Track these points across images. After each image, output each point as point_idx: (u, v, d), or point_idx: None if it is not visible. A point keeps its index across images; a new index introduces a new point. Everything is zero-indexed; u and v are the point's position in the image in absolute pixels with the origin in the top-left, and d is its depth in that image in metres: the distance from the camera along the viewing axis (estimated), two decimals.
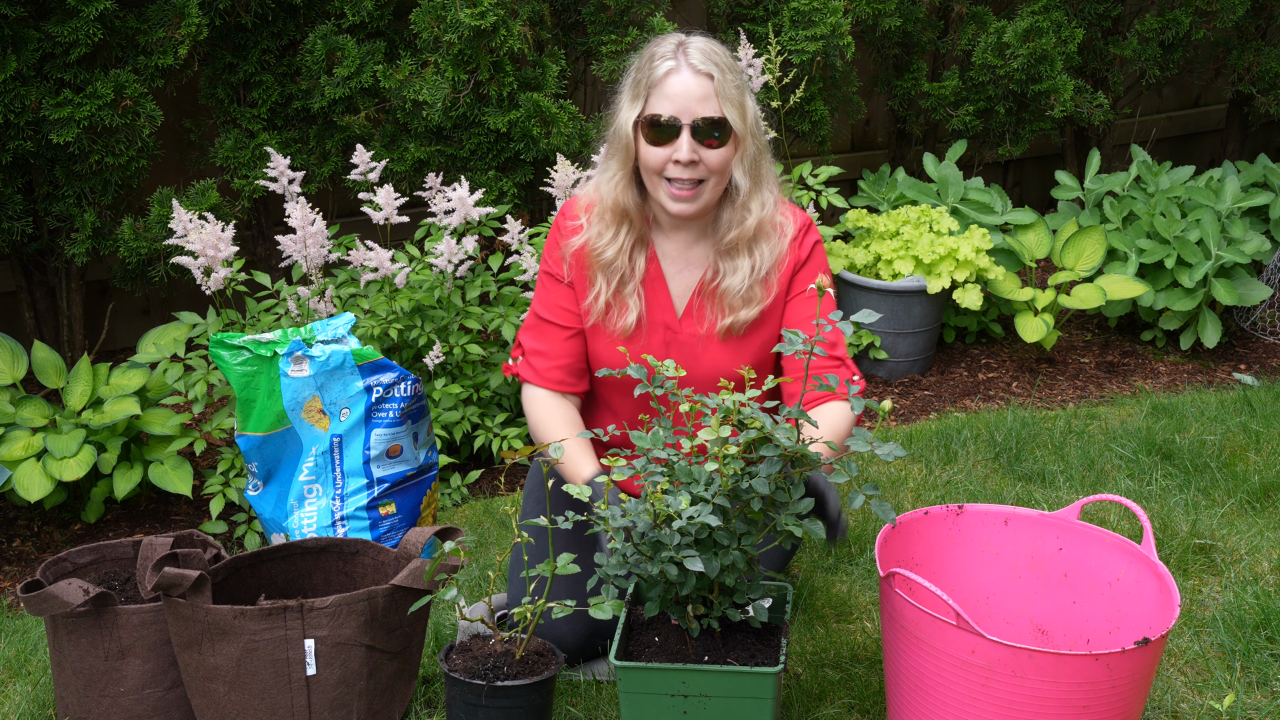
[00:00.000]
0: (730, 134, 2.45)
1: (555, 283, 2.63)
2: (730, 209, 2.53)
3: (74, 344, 4.00)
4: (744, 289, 2.54)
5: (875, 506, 2.08)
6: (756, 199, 2.52)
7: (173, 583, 2.27)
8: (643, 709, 2.14)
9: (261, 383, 2.97)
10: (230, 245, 3.38)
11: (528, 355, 2.66)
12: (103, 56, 3.66)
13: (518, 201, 4.08)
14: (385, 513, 3.05)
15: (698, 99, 2.42)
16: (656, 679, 2.12)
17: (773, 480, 2.09)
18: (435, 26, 3.85)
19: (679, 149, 2.42)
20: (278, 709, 2.33)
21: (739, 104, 2.47)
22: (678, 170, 2.44)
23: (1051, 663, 2.05)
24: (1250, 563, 2.99)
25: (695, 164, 2.44)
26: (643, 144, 2.46)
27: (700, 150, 2.43)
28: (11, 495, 3.27)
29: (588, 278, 2.59)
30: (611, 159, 2.55)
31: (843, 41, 4.37)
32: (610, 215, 2.55)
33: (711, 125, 2.43)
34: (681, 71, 2.44)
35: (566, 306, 2.62)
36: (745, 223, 2.52)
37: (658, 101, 2.44)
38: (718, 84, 2.44)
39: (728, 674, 2.10)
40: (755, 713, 2.11)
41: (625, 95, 2.52)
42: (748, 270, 2.53)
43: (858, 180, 4.96)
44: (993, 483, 3.45)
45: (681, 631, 2.22)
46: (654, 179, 2.48)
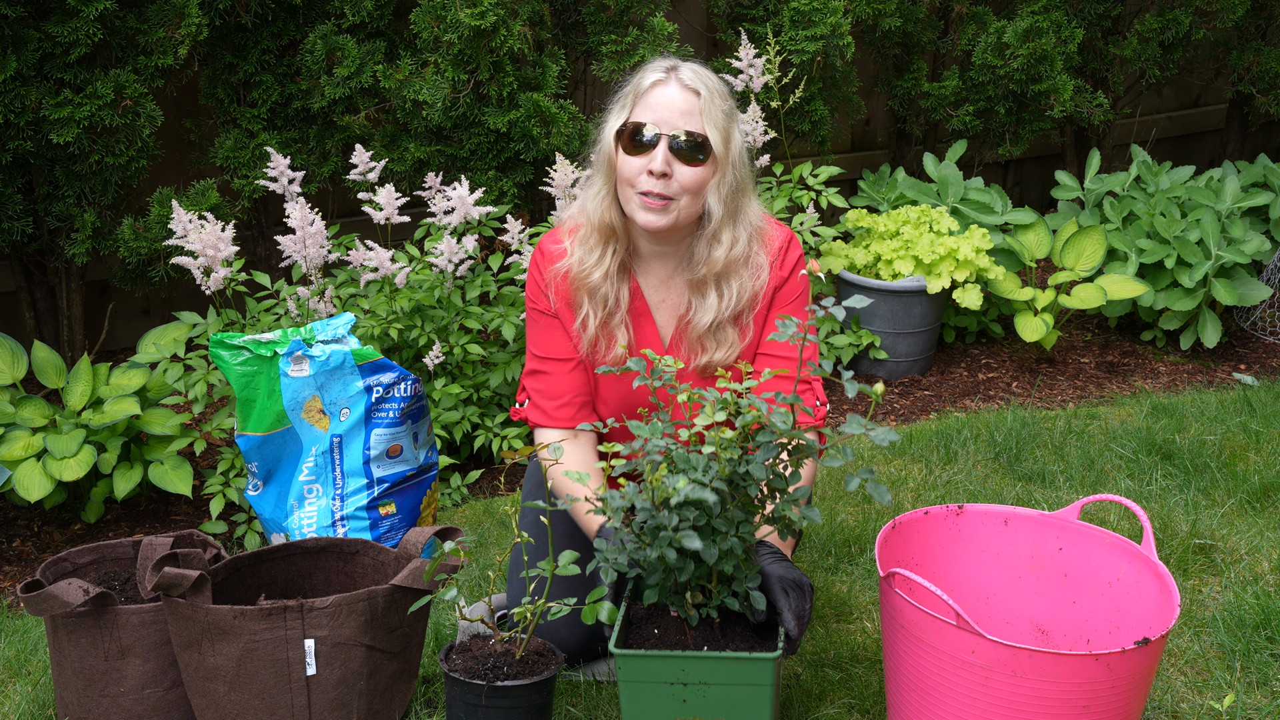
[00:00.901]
0: (710, 155, 2.38)
1: (544, 317, 2.56)
2: (702, 241, 2.45)
3: (74, 344, 4.00)
4: (713, 327, 2.48)
5: (871, 489, 2.10)
6: (728, 231, 2.44)
7: (173, 583, 2.27)
8: (642, 698, 2.14)
9: (261, 383, 2.97)
10: (230, 245, 3.38)
11: (534, 398, 2.60)
12: (103, 56, 3.66)
13: (518, 201, 4.08)
14: (385, 513, 3.05)
15: (680, 112, 2.36)
16: (656, 667, 2.12)
17: (770, 467, 2.10)
18: (435, 26, 3.85)
19: (654, 159, 2.35)
20: (278, 709, 2.33)
21: (724, 130, 2.39)
22: (648, 181, 2.36)
23: (1051, 663, 2.05)
24: (1250, 563, 2.99)
25: (667, 178, 2.36)
26: (621, 155, 2.40)
27: (675, 164, 2.36)
28: (11, 495, 3.27)
29: (573, 305, 2.53)
30: (597, 175, 2.48)
31: (843, 41, 4.37)
32: (596, 235, 2.48)
33: (690, 140, 2.36)
34: (669, 84, 2.39)
35: (561, 341, 2.56)
36: (714, 254, 2.44)
37: (640, 111, 2.39)
38: (704, 102, 2.37)
39: (726, 660, 2.11)
40: (754, 700, 2.12)
41: (613, 108, 2.47)
42: (716, 307, 2.46)
43: (858, 180, 4.96)
44: (993, 483, 3.45)
45: (680, 625, 2.23)
46: (626, 190, 2.40)
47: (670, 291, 2.54)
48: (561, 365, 2.57)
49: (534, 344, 2.60)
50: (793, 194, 4.27)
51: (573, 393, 2.57)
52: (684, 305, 2.52)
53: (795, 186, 4.31)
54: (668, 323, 2.55)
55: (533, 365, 2.61)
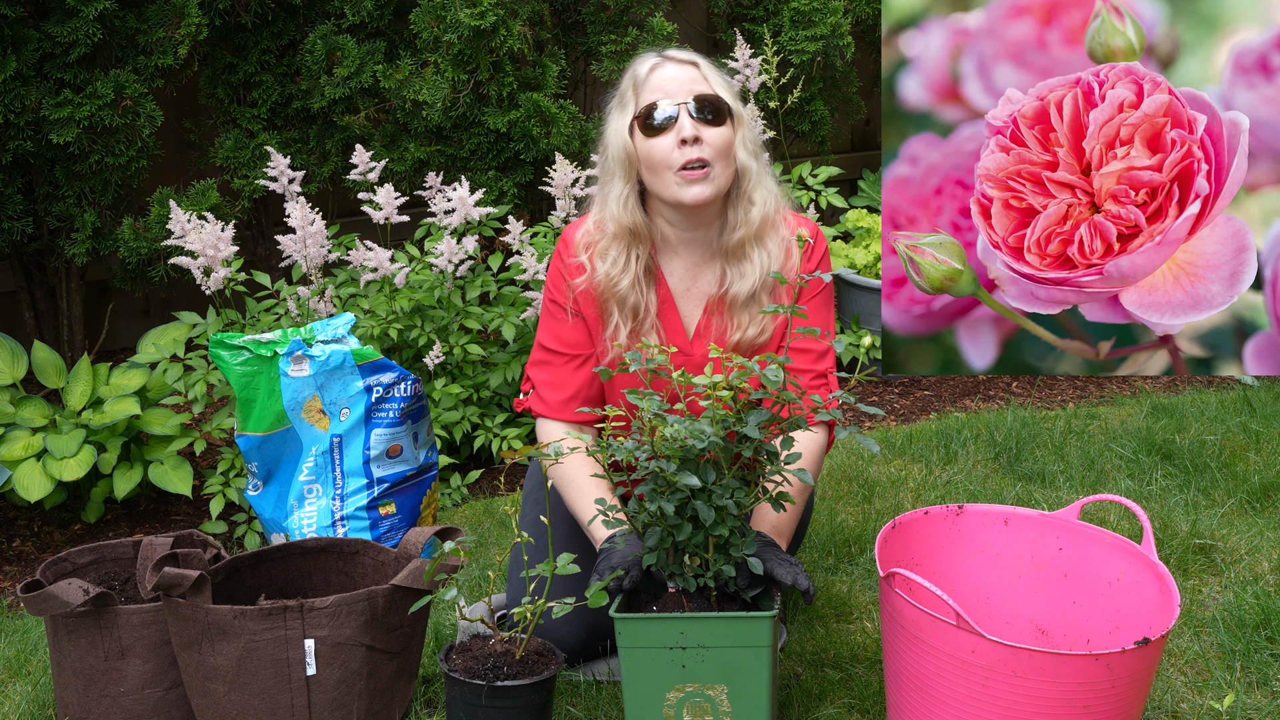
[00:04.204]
0: (727, 113, 2.41)
1: (561, 312, 2.56)
2: (736, 205, 2.47)
3: (74, 344, 4.00)
4: (750, 295, 2.48)
5: (861, 440, 2.16)
6: (760, 188, 2.47)
7: (173, 583, 2.27)
8: (641, 665, 2.15)
9: (261, 383, 2.97)
10: (230, 245, 3.38)
11: (538, 388, 2.60)
12: (103, 56, 3.66)
13: (518, 201, 4.08)
14: (385, 513, 3.05)
15: (688, 80, 2.40)
16: (655, 630, 2.14)
17: (764, 427, 2.15)
18: (435, 26, 3.85)
19: (681, 128, 2.36)
20: (278, 709, 2.33)
21: (730, 88, 2.45)
22: (683, 154, 2.37)
23: (1051, 663, 2.05)
24: (1250, 563, 2.99)
25: (699, 142, 2.37)
26: (641, 140, 2.41)
27: (701, 129, 2.37)
28: (11, 495, 3.27)
29: (601, 316, 2.53)
30: (612, 178, 2.47)
31: (843, 41, 4.37)
32: (620, 240, 2.47)
33: (707, 101, 2.39)
34: (666, 65, 2.42)
35: (574, 338, 2.56)
36: (751, 214, 2.46)
37: (647, 95, 2.40)
38: (704, 70, 2.43)
39: (724, 620, 2.13)
40: (753, 663, 2.13)
41: (613, 110, 2.47)
42: (756, 274, 2.47)
43: (858, 180, 4.96)
44: (993, 483, 3.45)
45: (678, 600, 2.25)
46: (662, 174, 2.40)
47: (698, 279, 2.54)
48: (570, 361, 2.57)
49: (544, 335, 2.60)
50: (792, 194, 4.27)
51: (576, 387, 2.57)
52: (715, 284, 2.52)
53: (795, 187, 4.31)
54: (693, 311, 2.55)
55: (540, 356, 2.61)
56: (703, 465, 2.15)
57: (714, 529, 2.16)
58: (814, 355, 2.52)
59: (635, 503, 2.23)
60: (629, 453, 2.16)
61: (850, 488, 3.43)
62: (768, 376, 2.14)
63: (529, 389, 2.65)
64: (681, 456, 2.14)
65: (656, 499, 2.14)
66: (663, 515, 2.16)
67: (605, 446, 2.20)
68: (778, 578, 2.20)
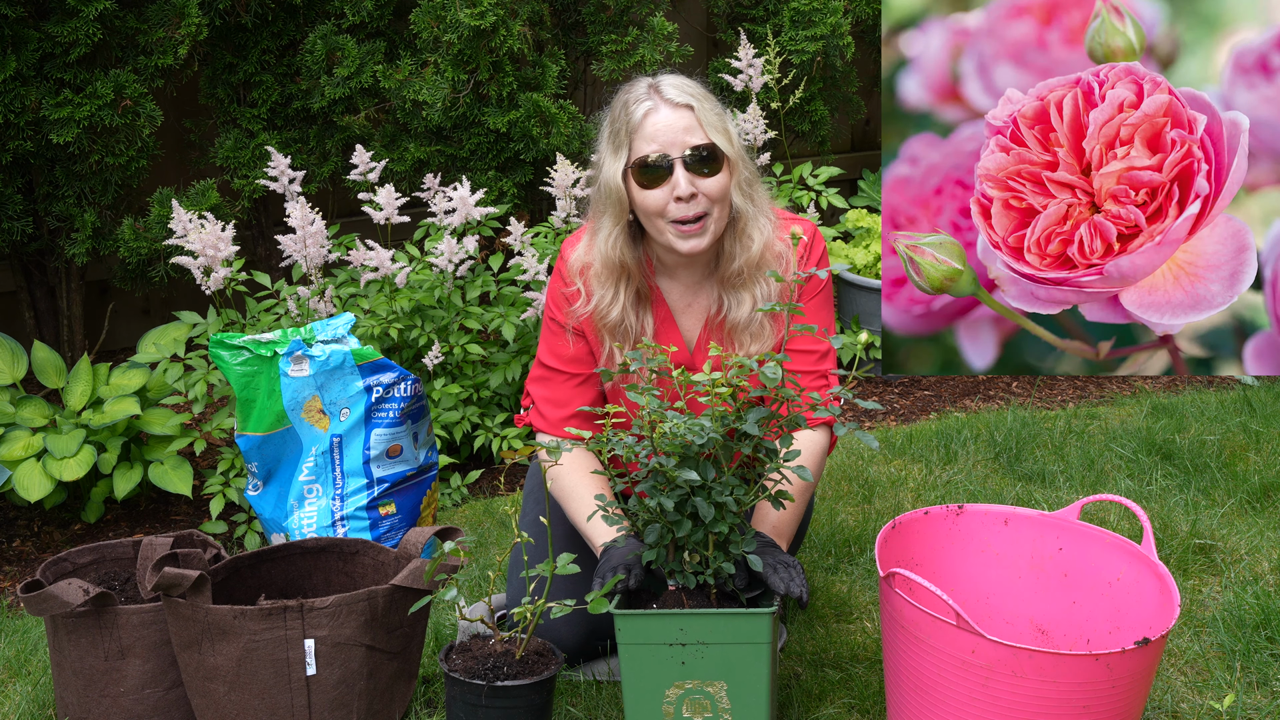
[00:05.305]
0: (723, 159, 2.39)
1: (561, 330, 2.57)
2: (732, 238, 2.47)
3: (74, 344, 4.00)
4: (751, 322, 2.50)
5: (860, 436, 2.17)
6: (756, 225, 2.46)
7: (173, 583, 2.27)
8: (641, 662, 2.16)
9: (261, 383, 2.97)
10: (230, 245, 3.38)
11: (538, 404, 2.61)
12: (103, 56, 3.67)
13: (518, 201, 4.08)
14: (385, 513, 3.05)
15: (682, 130, 2.37)
16: (655, 626, 2.14)
17: (763, 424, 2.17)
18: (435, 26, 3.85)
19: (676, 185, 2.36)
20: (278, 709, 2.33)
21: (723, 130, 2.41)
22: (679, 208, 2.38)
23: (1051, 663, 2.05)
24: (1250, 563, 2.99)
25: (695, 197, 2.37)
26: (636, 190, 2.40)
27: (697, 182, 2.37)
28: (11, 495, 3.27)
29: (599, 340, 2.55)
30: (603, 216, 2.47)
31: (843, 41, 4.37)
32: (608, 275, 2.49)
33: (702, 153, 2.37)
34: (660, 109, 2.38)
35: (574, 355, 2.57)
36: (750, 250, 2.46)
37: (642, 144, 2.38)
38: (698, 113, 2.38)
39: (724, 616, 2.14)
40: (752, 660, 2.14)
41: (606, 148, 2.45)
42: (751, 301, 2.49)
43: (858, 180, 4.96)
44: (993, 483, 3.45)
45: (678, 597, 2.25)
46: (657, 223, 2.41)
47: (698, 295, 2.55)
48: (570, 379, 2.59)
49: (544, 353, 2.61)
50: (793, 194, 4.27)
51: (578, 403, 2.58)
52: (714, 305, 2.53)
53: (795, 187, 4.31)
54: (694, 325, 2.57)
55: (540, 372, 2.62)
56: (702, 462, 2.16)
57: (714, 526, 2.17)
58: (815, 356, 2.53)
59: (635, 500, 2.24)
60: (629, 449, 2.16)
61: (850, 488, 3.43)
62: (765, 374, 2.15)
63: (529, 404, 2.66)
64: (681, 453, 2.15)
65: (656, 495, 2.15)
66: (662, 511, 2.17)
67: (605, 440, 2.20)
68: (771, 586, 2.21)
